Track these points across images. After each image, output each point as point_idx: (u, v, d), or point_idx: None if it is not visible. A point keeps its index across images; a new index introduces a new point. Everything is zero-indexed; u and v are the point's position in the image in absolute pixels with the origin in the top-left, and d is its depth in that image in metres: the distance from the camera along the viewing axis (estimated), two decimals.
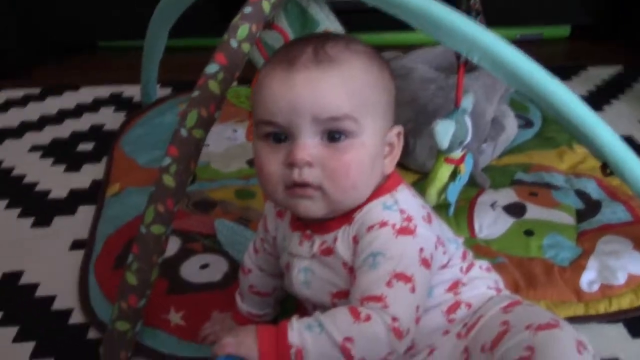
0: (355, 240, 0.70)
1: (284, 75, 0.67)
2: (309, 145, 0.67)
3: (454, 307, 0.75)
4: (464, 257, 0.78)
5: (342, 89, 0.67)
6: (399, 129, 0.74)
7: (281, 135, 0.68)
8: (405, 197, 0.72)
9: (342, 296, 0.72)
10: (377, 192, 0.71)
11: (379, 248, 0.67)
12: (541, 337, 0.65)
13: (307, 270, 0.75)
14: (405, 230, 0.68)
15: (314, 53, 0.68)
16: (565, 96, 0.93)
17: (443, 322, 0.75)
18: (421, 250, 0.68)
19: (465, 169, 1.10)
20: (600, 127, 0.95)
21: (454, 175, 1.08)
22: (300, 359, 0.64)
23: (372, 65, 0.71)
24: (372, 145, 0.69)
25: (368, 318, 0.64)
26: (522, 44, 0.94)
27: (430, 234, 0.70)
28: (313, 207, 0.69)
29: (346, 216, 0.71)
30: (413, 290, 0.66)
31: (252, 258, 0.89)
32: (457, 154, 1.05)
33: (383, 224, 0.68)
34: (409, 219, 0.68)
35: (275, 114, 0.67)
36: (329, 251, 0.72)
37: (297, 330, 0.65)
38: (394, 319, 0.64)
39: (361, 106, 0.68)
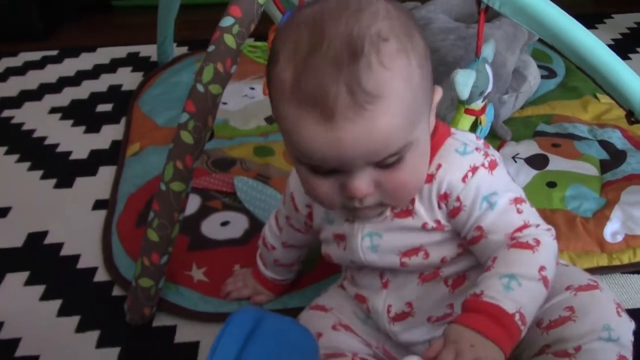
0: (445, 197, 0.67)
1: (322, 130, 0.57)
2: (365, 180, 0.61)
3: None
4: None
5: (393, 125, 0.58)
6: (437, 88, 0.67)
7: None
8: (464, 135, 0.71)
9: (412, 254, 0.70)
10: (436, 143, 0.68)
11: (488, 190, 0.66)
12: (581, 297, 0.66)
13: (373, 234, 0.71)
14: (493, 164, 0.68)
15: (350, 94, 0.56)
16: (591, 43, 0.91)
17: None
18: (507, 172, 0.70)
19: (486, 120, 1.08)
20: (627, 75, 0.93)
21: (474, 126, 1.06)
22: (523, 319, 0.61)
23: (410, 65, 0.59)
24: (424, 140, 0.65)
25: (538, 241, 0.64)
26: None
27: (497, 153, 0.71)
28: (373, 213, 0.68)
29: None
30: (531, 204, 0.68)
31: (276, 235, 0.87)
32: (478, 104, 1.03)
33: (474, 169, 0.67)
34: (486, 154, 0.68)
35: (321, 161, 0.60)
36: (407, 213, 0.69)
37: (505, 299, 0.61)
38: (548, 229, 0.66)
39: (414, 122, 0.61)
